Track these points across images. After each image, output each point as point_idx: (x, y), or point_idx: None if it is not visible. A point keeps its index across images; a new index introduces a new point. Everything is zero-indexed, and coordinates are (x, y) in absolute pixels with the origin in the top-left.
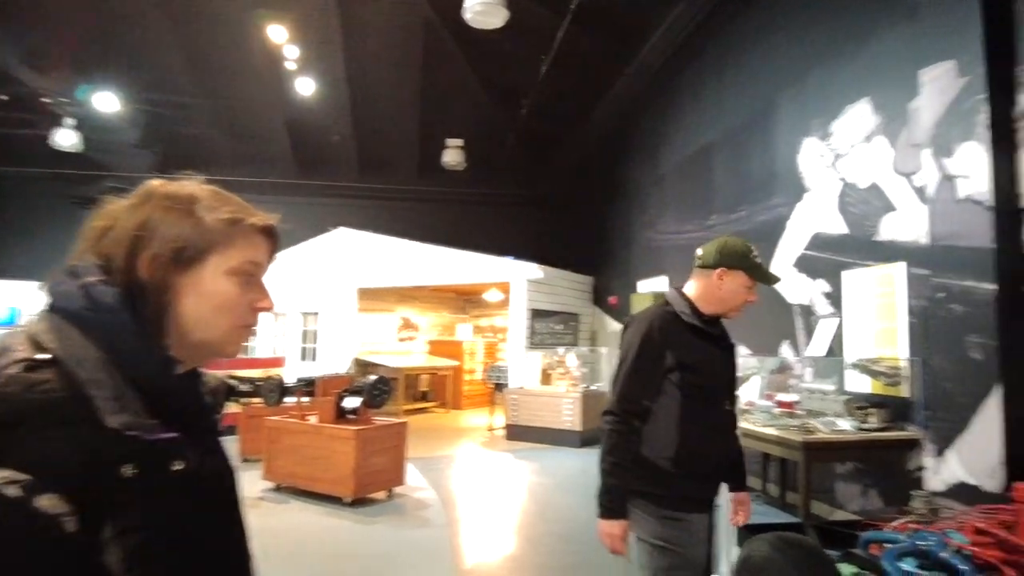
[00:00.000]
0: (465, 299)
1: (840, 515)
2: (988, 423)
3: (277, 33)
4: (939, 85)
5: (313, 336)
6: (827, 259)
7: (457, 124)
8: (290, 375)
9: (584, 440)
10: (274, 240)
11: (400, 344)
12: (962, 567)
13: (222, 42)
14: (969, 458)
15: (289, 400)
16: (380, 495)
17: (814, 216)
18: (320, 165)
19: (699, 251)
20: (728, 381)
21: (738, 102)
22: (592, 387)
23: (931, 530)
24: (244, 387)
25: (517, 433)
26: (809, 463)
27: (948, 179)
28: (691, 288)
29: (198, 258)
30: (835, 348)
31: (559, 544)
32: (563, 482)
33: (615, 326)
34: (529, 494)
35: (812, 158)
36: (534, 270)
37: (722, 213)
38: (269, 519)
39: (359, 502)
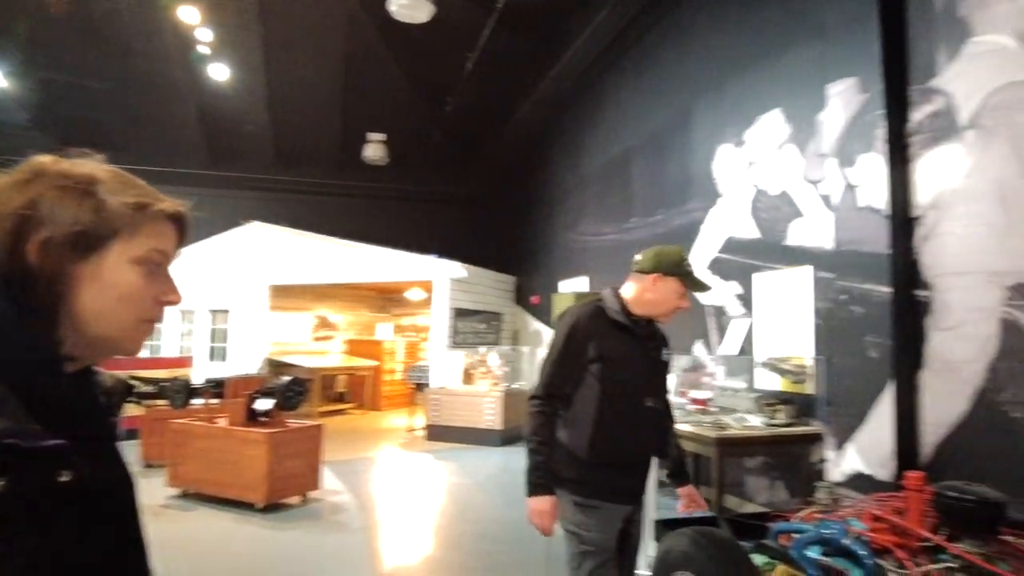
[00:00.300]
0: (386, 298)
1: (750, 508)
2: (882, 417)
3: (189, 14)
4: (843, 99)
5: (223, 335)
6: (739, 262)
7: (380, 118)
8: (198, 376)
9: (505, 439)
10: (183, 229)
11: (316, 344)
12: (861, 552)
13: (126, 20)
14: (866, 450)
15: (197, 402)
16: (294, 500)
17: (727, 220)
18: (233, 156)
19: (637, 256)
20: (651, 380)
21: (657, 108)
22: (514, 386)
23: (834, 519)
24: (148, 388)
25: (438, 433)
26: (722, 458)
27: (851, 188)
28: (626, 289)
29: (99, 245)
30: (746, 347)
31: (480, 543)
32: (484, 481)
33: (537, 325)
34: (449, 495)
35: (726, 165)
36: (457, 269)
37: (641, 216)
38: (174, 528)
39: (271, 508)
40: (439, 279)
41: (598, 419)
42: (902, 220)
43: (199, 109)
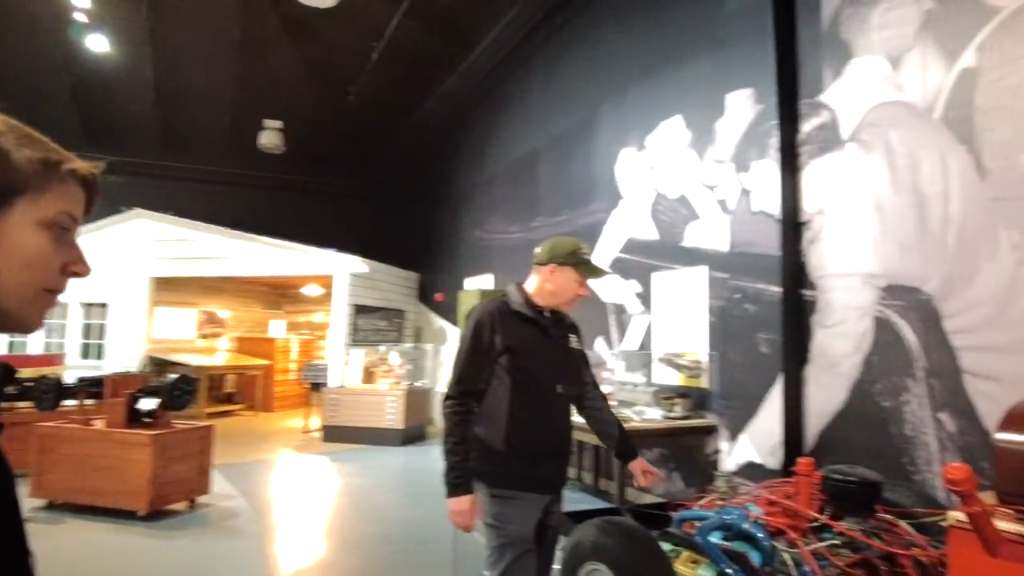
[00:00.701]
0: (279, 293)
1: (649, 499)
2: (772, 409)
3: None
4: (741, 108)
5: (99, 331)
6: (639, 262)
7: (278, 105)
8: (70, 375)
9: (406, 438)
10: (93, 194)
11: (202, 341)
12: (759, 535)
13: None
14: (757, 440)
15: (70, 403)
16: (180, 506)
17: (629, 222)
18: (113, 137)
19: (536, 249)
20: (561, 367)
21: (564, 111)
22: (417, 384)
23: (733, 505)
24: (11, 390)
25: (335, 434)
26: None
27: (745, 193)
28: (529, 283)
29: (2, 202)
30: (645, 343)
31: (382, 545)
32: (385, 481)
33: (441, 323)
34: (349, 496)
35: (629, 168)
36: (358, 264)
37: (547, 216)
38: (40, 544)
39: (156, 515)
40: (339, 274)
41: (511, 411)
42: (791, 224)
43: (74, 84)
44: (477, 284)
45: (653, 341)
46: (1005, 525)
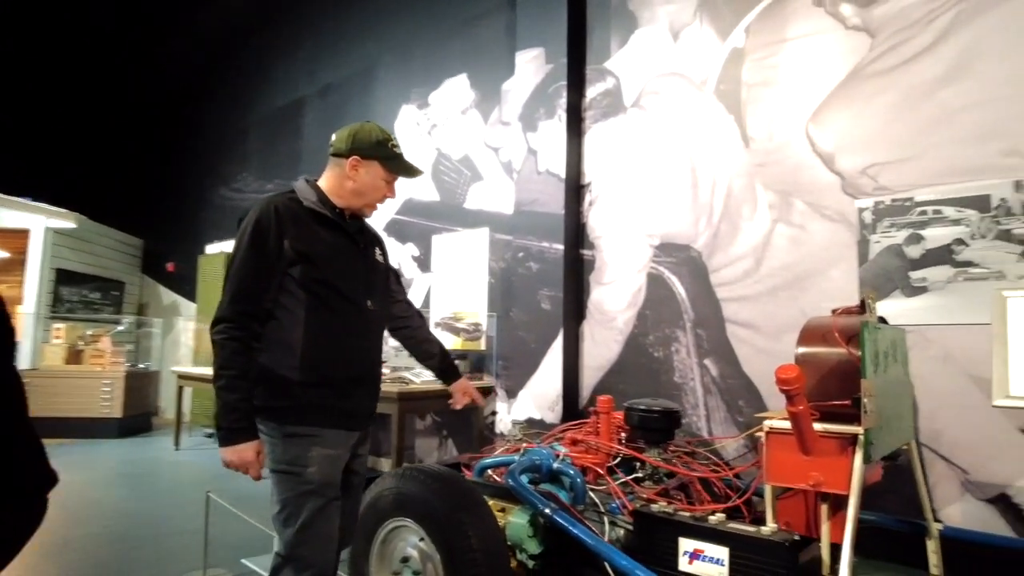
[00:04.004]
0: None
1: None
2: (552, 364)
3: None
4: (531, 68)
5: None
6: (419, 224)
7: None
8: None
9: (126, 428)
10: None
11: None
12: (570, 471)
13: None
14: (537, 397)
15: None
16: None
17: (407, 182)
18: None
19: (333, 136)
20: (370, 281)
21: (335, 61)
22: (140, 366)
23: (541, 447)
24: None
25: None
26: (403, 413)
27: (532, 152)
28: (324, 180)
29: None
30: (425, 308)
31: (99, 547)
32: (99, 477)
33: (172, 297)
34: (59, 497)
35: (409, 126)
36: (63, 218)
37: (314, 173)
38: None
39: None
40: (36, 229)
41: (308, 331)
42: (574, 185)
43: None
44: (224, 249)
45: (432, 305)
46: (817, 426)
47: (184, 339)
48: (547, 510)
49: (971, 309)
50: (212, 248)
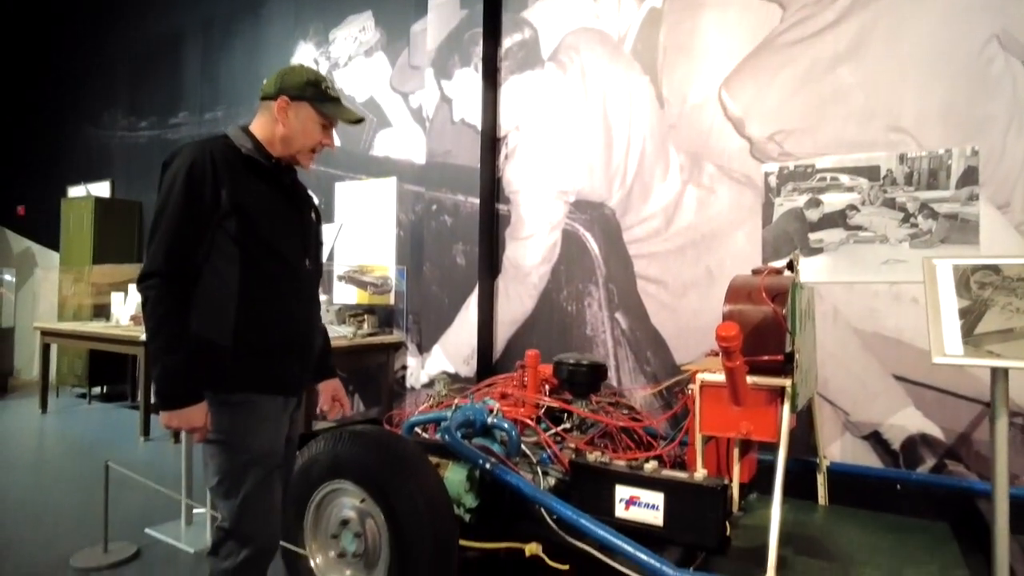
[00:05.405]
0: None
1: (326, 425)
2: (467, 319)
3: None
4: (444, 12)
5: None
6: (320, 171)
7: None
8: None
9: None
10: None
11: None
12: (504, 425)
13: None
14: (451, 351)
15: None
16: None
17: None
18: None
19: (264, 80)
20: (305, 240)
21: None
22: None
23: (474, 402)
24: None
25: None
26: None
27: (447, 101)
28: (255, 126)
29: None
30: (328, 261)
31: None
32: None
33: (24, 244)
34: None
35: (307, 64)
36: None
37: (194, 112)
38: None
39: None
40: None
41: (243, 293)
42: (491, 137)
43: None
44: (88, 192)
45: (336, 257)
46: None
47: (45, 291)
48: (487, 464)
49: (858, 269)
50: (76, 191)
